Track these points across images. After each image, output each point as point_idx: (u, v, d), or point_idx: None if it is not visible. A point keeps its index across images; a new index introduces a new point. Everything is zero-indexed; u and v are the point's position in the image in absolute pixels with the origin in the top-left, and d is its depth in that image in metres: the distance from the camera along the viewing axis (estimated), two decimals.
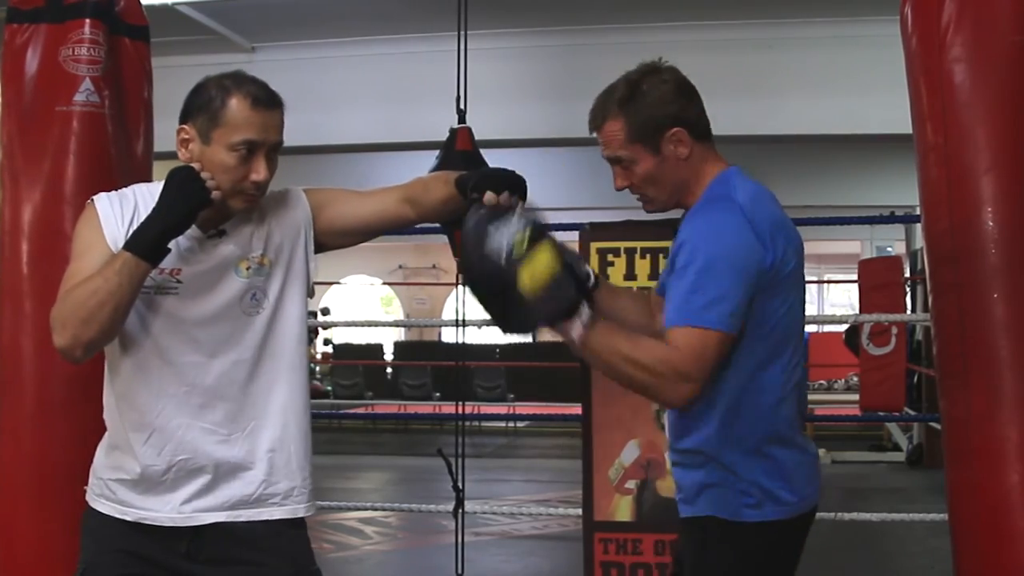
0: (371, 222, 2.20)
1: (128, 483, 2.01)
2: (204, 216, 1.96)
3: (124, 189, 2.05)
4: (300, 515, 2.13)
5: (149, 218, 1.89)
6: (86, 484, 2.11)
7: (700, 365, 1.89)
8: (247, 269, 2.03)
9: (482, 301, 1.95)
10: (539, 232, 1.88)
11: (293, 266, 2.09)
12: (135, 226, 1.93)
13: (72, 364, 1.98)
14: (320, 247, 2.16)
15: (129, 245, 1.87)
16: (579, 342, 1.89)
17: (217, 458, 2.00)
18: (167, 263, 1.93)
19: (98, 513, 2.04)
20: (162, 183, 1.96)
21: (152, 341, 1.97)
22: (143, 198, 2.01)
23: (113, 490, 2.02)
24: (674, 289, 1.95)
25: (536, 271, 1.85)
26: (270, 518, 2.06)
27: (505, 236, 1.87)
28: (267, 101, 1.99)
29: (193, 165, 1.94)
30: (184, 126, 1.99)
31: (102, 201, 2.00)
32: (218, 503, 2.01)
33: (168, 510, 1.99)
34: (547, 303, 1.86)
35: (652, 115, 2.02)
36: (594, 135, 2.10)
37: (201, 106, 1.97)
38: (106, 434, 2.07)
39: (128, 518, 2.00)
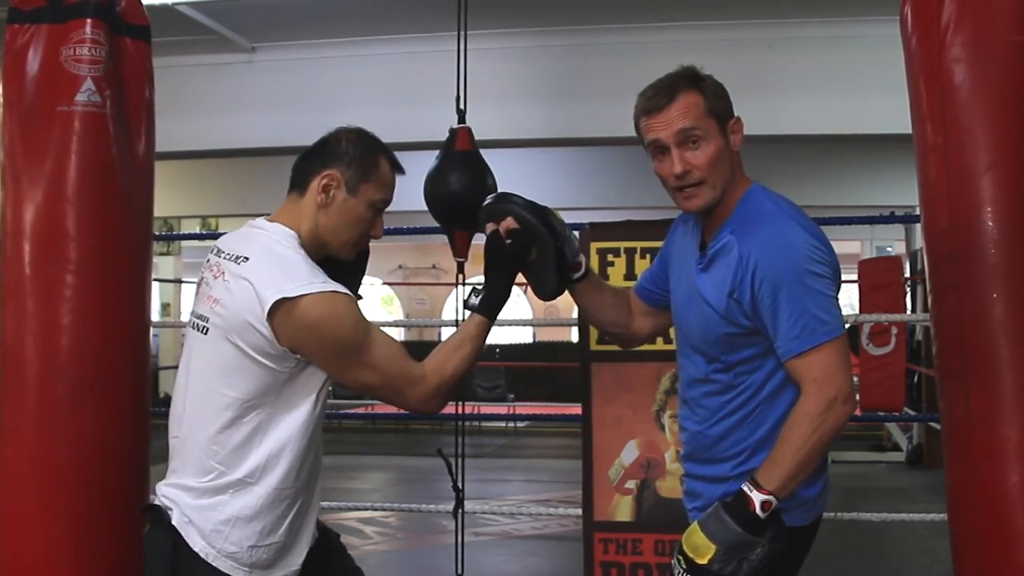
0: None
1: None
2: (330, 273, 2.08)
3: (305, 265, 2.04)
4: None
5: (500, 283, 2.13)
6: (87, 483, 2.13)
7: (846, 379, 1.97)
8: None
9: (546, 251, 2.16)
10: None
11: None
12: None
13: (77, 365, 2.02)
14: None
15: (490, 311, 2.11)
16: (777, 496, 1.95)
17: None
18: None
19: None
20: (293, 251, 2.04)
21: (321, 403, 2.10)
22: (308, 262, 2.06)
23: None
24: (783, 316, 1.96)
25: (698, 551, 1.97)
26: None
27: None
28: (402, 168, 2.18)
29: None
30: (331, 172, 2.08)
31: (344, 290, 2.03)
32: None
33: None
34: (737, 550, 1.95)
35: (723, 97, 2.07)
36: (659, 110, 2.04)
37: (355, 159, 2.09)
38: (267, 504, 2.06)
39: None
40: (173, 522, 2.02)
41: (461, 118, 3.58)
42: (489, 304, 2.12)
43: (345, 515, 6.68)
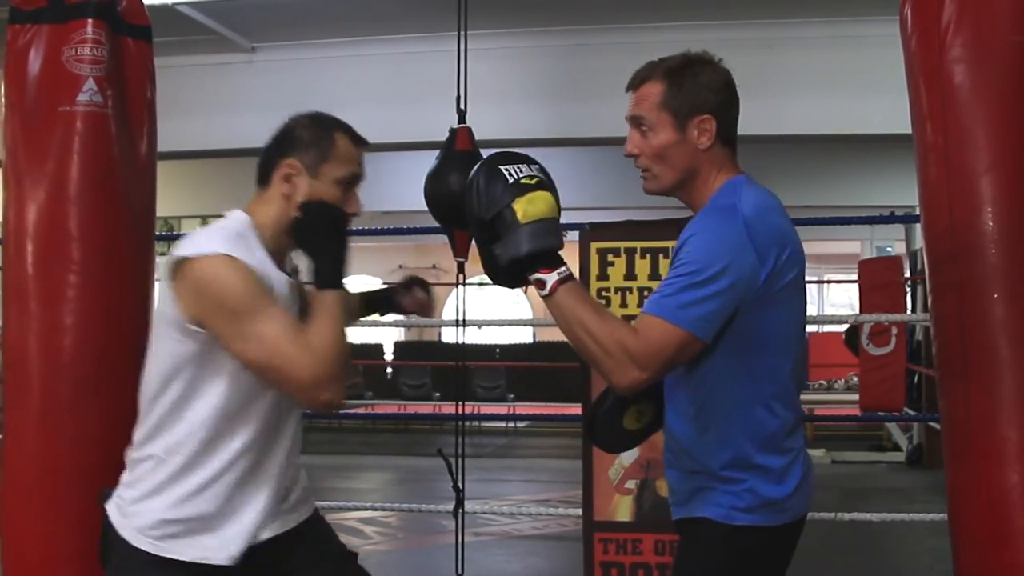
0: None
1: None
2: (279, 254, 2.08)
3: (222, 235, 2.03)
4: None
5: (330, 253, 2.01)
6: (90, 483, 2.14)
7: (657, 358, 1.90)
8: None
9: (475, 221, 1.98)
10: (548, 184, 1.96)
11: None
12: (263, 269, 2.00)
13: (81, 365, 2.01)
14: None
15: (324, 285, 1.98)
16: (548, 292, 1.93)
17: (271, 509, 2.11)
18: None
19: None
20: (245, 227, 2.05)
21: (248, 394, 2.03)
22: (236, 240, 2.03)
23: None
24: (662, 282, 1.96)
25: (535, 204, 1.91)
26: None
27: (518, 169, 1.95)
28: (363, 140, 2.14)
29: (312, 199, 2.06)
30: (289, 160, 2.07)
31: (239, 252, 1.99)
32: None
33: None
34: (535, 237, 1.90)
35: (694, 93, 2.03)
36: (629, 91, 2.08)
37: (310, 142, 2.08)
38: (152, 476, 2.06)
39: (185, 558, 2.06)
40: (110, 499, 2.10)
41: (461, 118, 3.59)
42: (321, 276, 1.99)
43: (345, 515, 6.67)
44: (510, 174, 1.93)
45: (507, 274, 1.98)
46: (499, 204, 1.92)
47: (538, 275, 1.93)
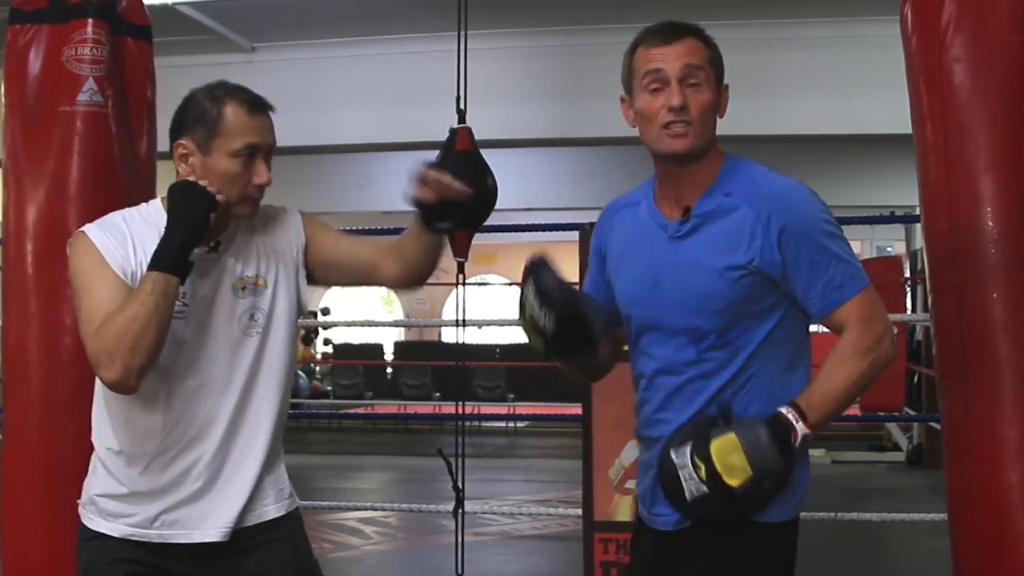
0: (359, 266, 2.18)
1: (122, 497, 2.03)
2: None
3: (104, 218, 2.03)
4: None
5: (167, 234, 1.90)
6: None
7: (887, 317, 1.95)
8: (243, 289, 2.04)
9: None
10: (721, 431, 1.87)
11: (287, 287, 2.09)
12: (136, 250, 1.94)
13: (81, 365, 1.99)
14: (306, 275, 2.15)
15: (155, 264, 1.88)
16: (812, 431, 1.87)
17: (209, 476, 2.01)
18: None
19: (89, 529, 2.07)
20: (139, 206, 2.02)
21: (157, 369, 1.95)
22: (129, 221, 2.01)
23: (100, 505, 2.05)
24: (821, 268, 1.91)
25: (731, 468, 1.83)
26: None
27: (690, 473, 1.87)
28: (261, 105, 2.00)
29: (189, 178, 1.96)
30: (181, 141, 1.99)
31: (94, 232, 1.98)
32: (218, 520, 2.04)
33: (157, 526, 2.02)
34: (768, 480, 1.84)
35: (721, 60, 2.01)
36: (665, 43, 1.97)
37: (197, 119, 1.98)
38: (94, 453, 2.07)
39: (116, 533, 2.02)
40: None
41: (461, 118, 3.59)
42: (153, 256, 1.89)
43: (345, 515, 6.68)
44: (688, 477, 1.87)
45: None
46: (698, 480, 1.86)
47: (797, 436, 1.86)
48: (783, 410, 1.87)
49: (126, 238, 1.97)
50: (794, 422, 1.85)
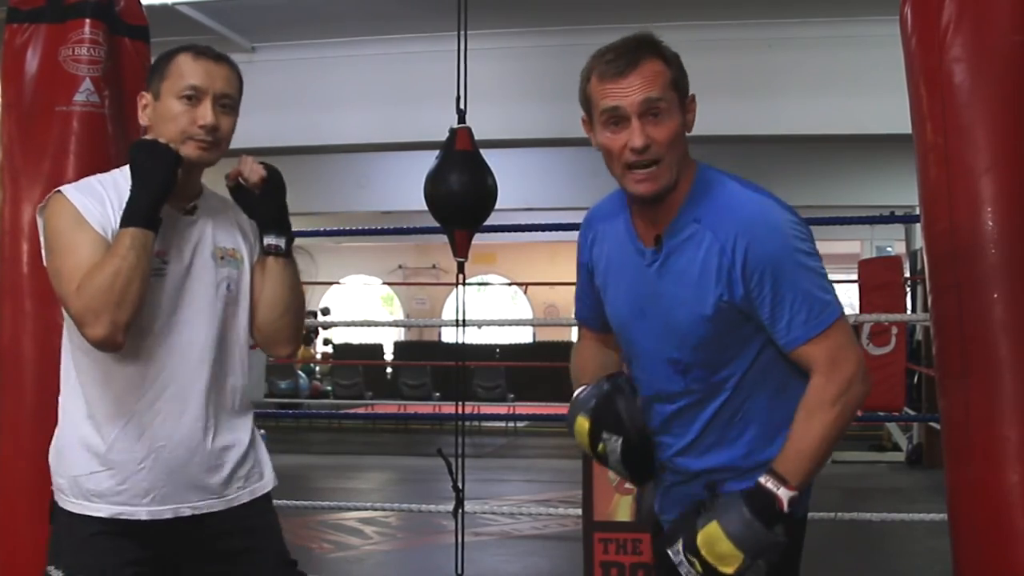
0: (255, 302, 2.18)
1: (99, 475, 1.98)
2: (174, 194, 2.00)
3: (79, 181, 2.06)
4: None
5: (134, 190, 1.93)
6: None
7: (859, 353, 1.87)
8: (222, 259, 2.07)
9: None
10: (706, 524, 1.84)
11: (251, 268, 2.13)
12: (115, 209, 1.96)
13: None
14: None
15: (127, 220, 1.91)
16: (796, 494, 1.83)
17: (192, 447, 2.01)
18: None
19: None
20: (113, 169, 2.06)
21: (135, 326, 1.94)
22: (105, 183, 2.03)
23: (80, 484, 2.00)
24: (786, 303, 1.84)
25: (724, 561, 1.81)
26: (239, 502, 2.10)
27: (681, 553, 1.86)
28: (210, 54, 2.05)
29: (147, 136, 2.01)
30: (143, 93, 2.06)
31: (71, 192, 2.00)
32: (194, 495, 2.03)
33: (147, 502, 1.99)
34: (761, 556, 1.82)
35: (683, 70, 1.89)
36: (620, 76, 1.84)
37: (153, 70, 2.06)
38: (60, 429, 2.04)
39: (102, 514, 1.98)
40: None
41: (461, 118, 3.58)
42: (124, 213, 1.92)
43: (345, 515, 6.67)
44: (686, 573, 1.85)
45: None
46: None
47: (782, 526, 1.83)
48: (762, 480, 1.83)
49: (103, 198, 1.99)
50: (775, 490, 1.82)
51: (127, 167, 2.01)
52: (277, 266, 2.13)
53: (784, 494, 1.81)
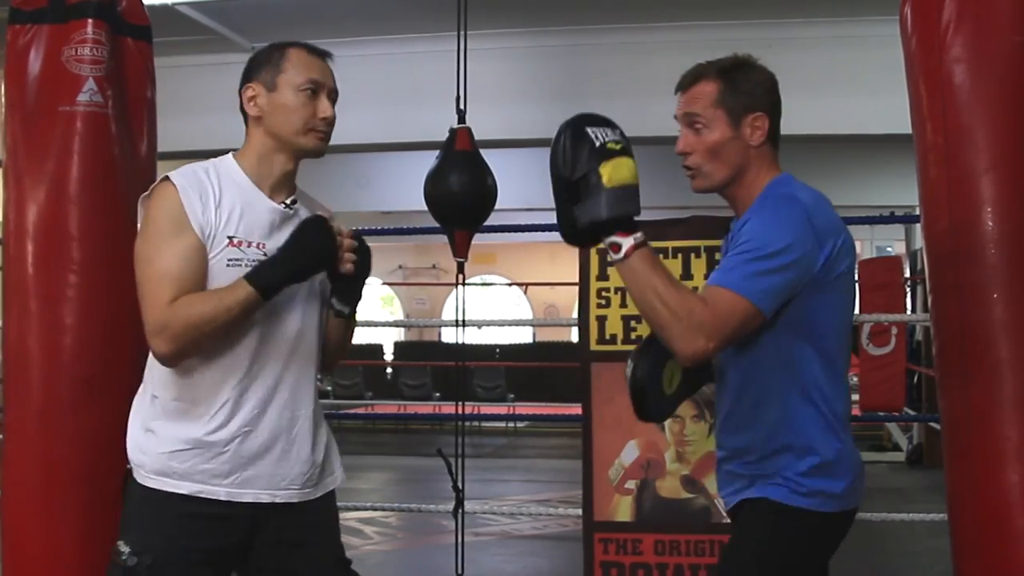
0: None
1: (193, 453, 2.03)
2: (275, 187, 2.09)
3: (186, 169, 2.07)
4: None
5: (282, 258, 1.98)
6: (90, 483, 2.13)
7: (724, 328, 1.92)
8: None
9: (559, 179, 1.98)
10: (629, 150, 1.95)
11: None
12: (219, 212, 2.01)
13: (81, 365, 2.00)
14: None
15: (256, 276, 1.96)
16: (624, 256, 1.93)
17: (276, 435, 2.07)
18: (256, 236, 2.03)
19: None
20: (211, 161, 2.09)
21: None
22: (211, 174, 2.06)
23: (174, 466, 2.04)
24: (725, 259, 2.01)
25: (620, 170, 1.91)
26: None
27: (604, 133, 1.95)
28: (319, 51, 2.13)
29: (322, 214, 2.10)
30: (249, 84, 2.10)
31: (180, 181, 2.02)
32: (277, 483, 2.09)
33: (227, 484, 2.04)
34: (618, 203, 1.91)
35: (748, 91, 2.08)
36: (679, 91, 2.13)
37: (263, 62, 2.10)
38: (148, 413, 2.08)
39: (183, 491, 2.02)
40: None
41: (461, 118, 3.58)
42: (260, 270, 1.98)
43: (345, 515, 6.65)
44: (596, 137, 1.94)
45: (584, 234, 1.99)
46: (585, 166, 1.93)
47: (615, 238, 1.94)
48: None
49: (208, 191, 2.03)
50: (636, 234, 1.93)
51: (226, 158, 2.08)
52: (338, 323, 2.22)
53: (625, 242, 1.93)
